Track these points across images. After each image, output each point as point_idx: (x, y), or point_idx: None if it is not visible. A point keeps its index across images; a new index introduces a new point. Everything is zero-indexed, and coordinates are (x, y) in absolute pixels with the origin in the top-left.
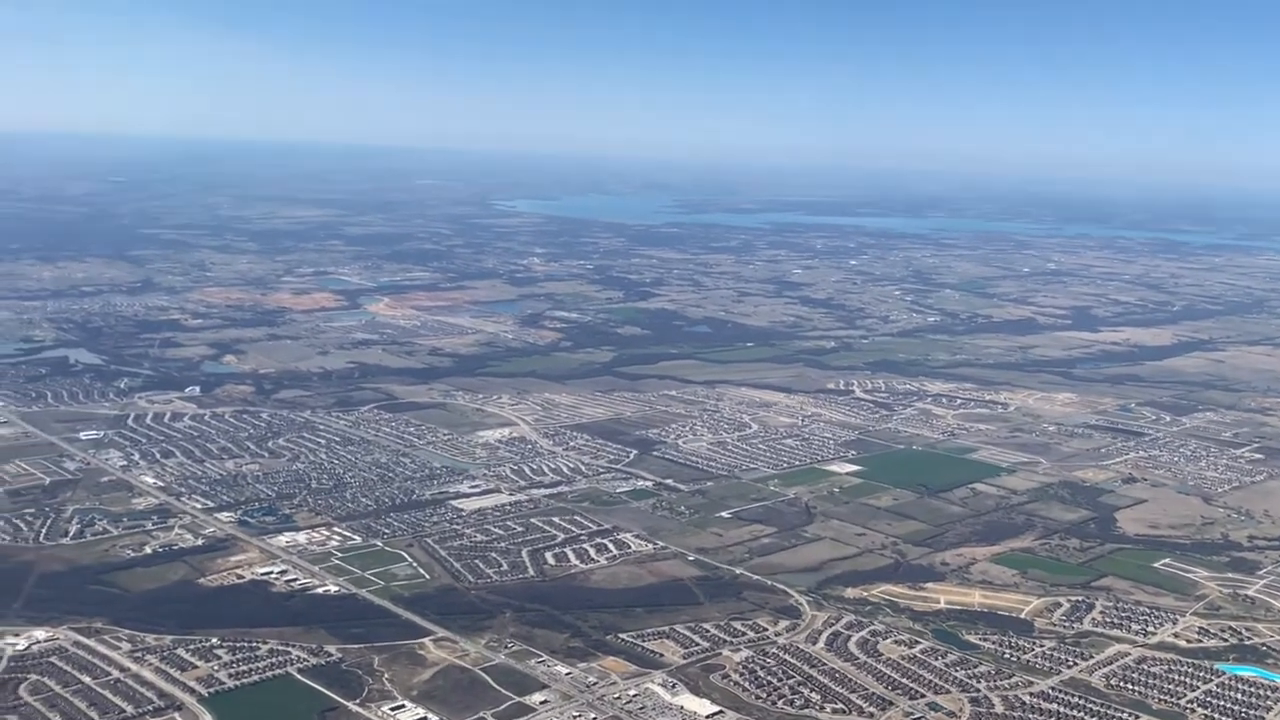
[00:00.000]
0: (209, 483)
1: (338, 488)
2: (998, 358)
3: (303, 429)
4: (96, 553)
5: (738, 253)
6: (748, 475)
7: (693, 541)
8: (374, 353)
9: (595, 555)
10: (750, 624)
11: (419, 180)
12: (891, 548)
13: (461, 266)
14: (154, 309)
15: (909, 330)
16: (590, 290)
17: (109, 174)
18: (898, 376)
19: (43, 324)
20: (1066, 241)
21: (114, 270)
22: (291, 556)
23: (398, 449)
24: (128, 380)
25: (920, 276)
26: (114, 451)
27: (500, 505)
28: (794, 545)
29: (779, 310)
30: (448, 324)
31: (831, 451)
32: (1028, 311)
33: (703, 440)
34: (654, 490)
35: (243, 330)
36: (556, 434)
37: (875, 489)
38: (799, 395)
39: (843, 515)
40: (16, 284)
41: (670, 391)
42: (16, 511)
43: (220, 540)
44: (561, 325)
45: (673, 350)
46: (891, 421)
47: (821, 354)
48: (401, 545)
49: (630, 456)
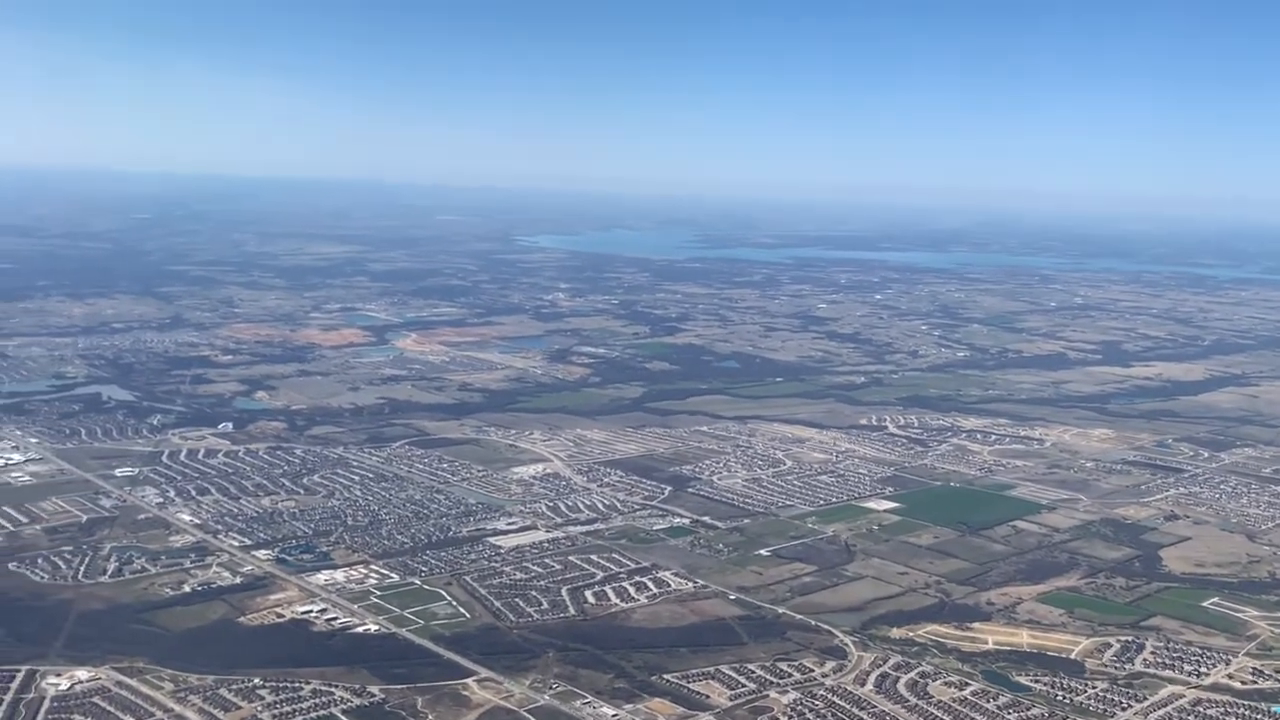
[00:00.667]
0: (245, 520)
1: (374, 525)
2: (1030, 393)
3: (336, 465)
4: (135, 591)
5: (762, 287)
6: (785, 512)
7: (733, 580)
8: (404, 388)
9: (635, 594)
10: (796, 665)
11: (440, 216)
12: (935, 586)
13: (488, 302)
14: (184, 345)
15: (939, 365)
16: (616, 325)
17: (132, 210)
18: (930, 412)
19: (74, 360)
20: (1092, 276)
21: (143, 307)
22: (330, 595)
23: (432, 485)
24: (160, 417)
25: (947, 311)
26: (150, 488)
27: (538, 542)
28: (836, 584)
29: (807, 345)
30: (476, 359)
31: (868, 488)
32: (1057, 346)
33: (737, 477)
34: (691, 527)
35: (273, 366)
36: (590, 470)
37: (915, 526)
38: (832, 431)
39: (883, 553)
40: (47, 320)
41: (702, 427)
42: (54, 549)
43: (258, 578)
44: (590, 361)
45: (702, 386)
46: (927, 458)
47: (852, 389)
48: (440, 583)
49: (665, 493)
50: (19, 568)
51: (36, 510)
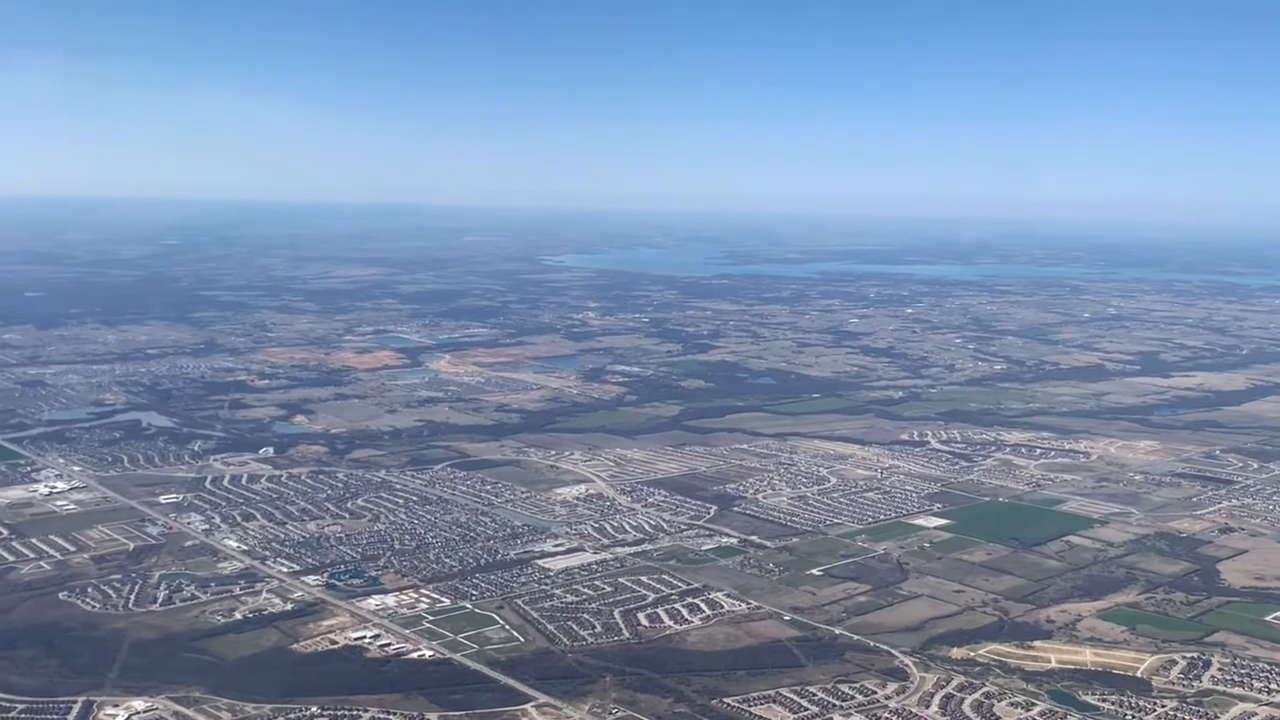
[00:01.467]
0: (293, 545)
1: (421, 548)
2: (1072, 405)
3: (380, 489)
4: (187, 619)
5: (791, 303)
6: (833, 531)
7: (786, 600)
8: (441, 410)
9: (689, 616)
10: (858, 687)
11: (465, 238)
12: (992, 605)
13: (518, 322)
14: (220, 370)
15: (976, 379)
16: (648, 343)
17: (160, 237)
18: (972, 426)
19: (112, 387)
20: (1123, 286)
21: (176, 333)
22: (383, 620)
23: (476, 508)
24: (201, 442)
25: (979, 324)
26: (195, 515)
27: (586, 564)
28: (891, 604)
29: (841, 360)
30: (511, 380)
31: (916, 505)
32: (1095, 358)
33: (782, 495)
34: (740, 547)
35: (310, 390)
36: (633, 490)
37: (967, 543)
38: (874, 447)
39: (937, 571)
40: (83, 348)
41: (742, 445)
42: (103, 578)
43: (309, 604)
44: (624, 380)
45: (739, 403)
46: (973, 473)
47: (890, 404)
48: (491, 607)
49: (711, 512)
50: (69, 597)
51: (84, 539)
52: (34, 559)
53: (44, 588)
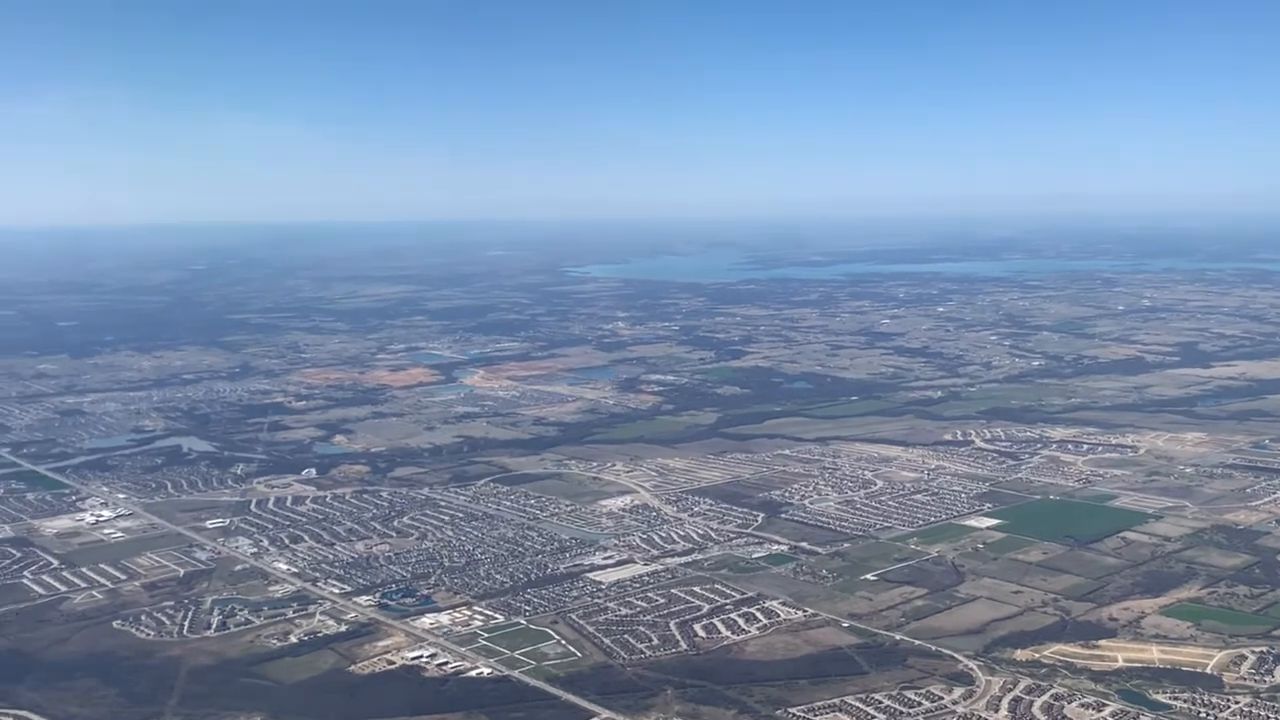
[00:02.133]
0: (342, 566)
1: (470, 565)
2: (1114, 399)
3: (424, 506)
4: (242, 644)
5: (821, 306)
6: (884, 535)
7: (843, 607)
8: (479, 425)
9: (745, 625)
10: (924, 693)
11: (488, 252)
12: (1053, 604)
13: (548, 335)
14: (256, 393)
15: (1014, 376)
16: (680, 351)
17: (187, 263)
18: (1015, 424)
19: (150, 414)
20: (1155, 277)
21: (210, 357)
22: (438, 639)
23: (522, 522)
24: (243, 466)
25: (1013, 320)
26: (242, 539)
27: (637, 576)
28: (949, 607)
29: (876, 362)
30: (546, 393)
31: (966, 506)
32: (1133, 350)
33: (829, 500)
34: (791, 554)
35: (347, 410)
36: (678, 500)
37: (1021, 543)
38: (917, 448)
39: (993, 573)
40: (119, 375)
41: (784, 451)
42: (156, 605)
43: (363, 625)
44: (659, 388)
45: (776, 408)
46: (1021, 471)
47: (930, 404)
48: (546, 622)
49: (758, 520)
50: (123, 625)
51: (133, 566)
52: (86, 588)
53: (97, 616)
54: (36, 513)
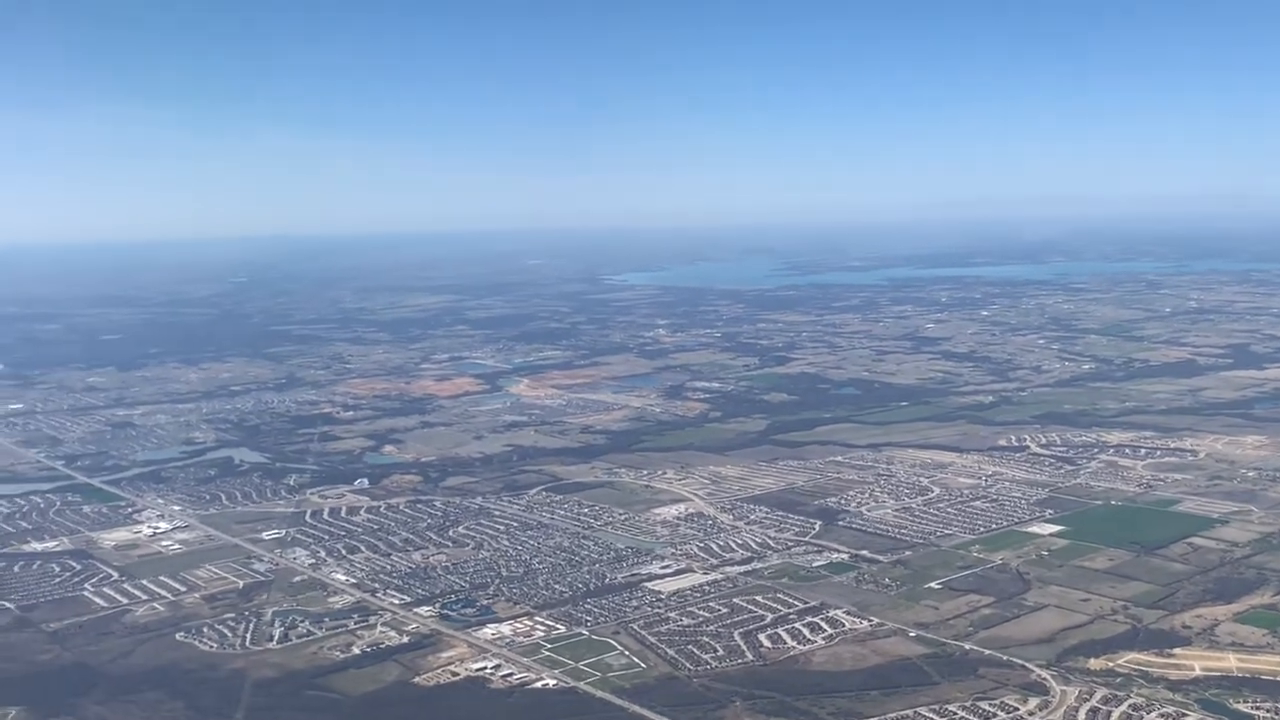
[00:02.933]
0: (401, 576)
1: (528, 575)
2: (1169, 402)
3: (479, 516)
4: (305, 656)
5: (863, 311)
6: (945, 542)
7: (908, 616)
8: (527, 434)
9: (811, 635)
10: (998, 704)
11: (526, 261)
12: (1123, 612)
13: (590, 343)
14: (304, 404)
15: (1066, 380)
16: (724, 358)
17: (227, 275)
18: (1070, 428)
19: (201, 425)
20: (1199, 279)
21: (256, 369)
22: (501, 650)
23: (577, 531)
24: (296, 477)
25: (1059, 323)
26: (300, 550)
27: (697, 585)
28: (1017, 615)
29: (923, 367)
30: (591, 401)
31: (1026, 512)
32: (1184, 353)
33: (886, 507)
34: (851, 563)
35: (395, 420)
36: (733, 508)
37: (1086, 550)
38: (972, 454)
39: (1060, 580)
40: (167, 387)
41: (836, 457)
42: (216, 617)
43: (425, 636)
44: (706, 396)
45: (825, 414)
46: (1079, 476)
47: (981, 409)
48: (608, 632)
49: (816, 528)
50: (186, 638)
51: (193, 578)
52: (147, 600)
53: (160, 629)
54: (94, 525)
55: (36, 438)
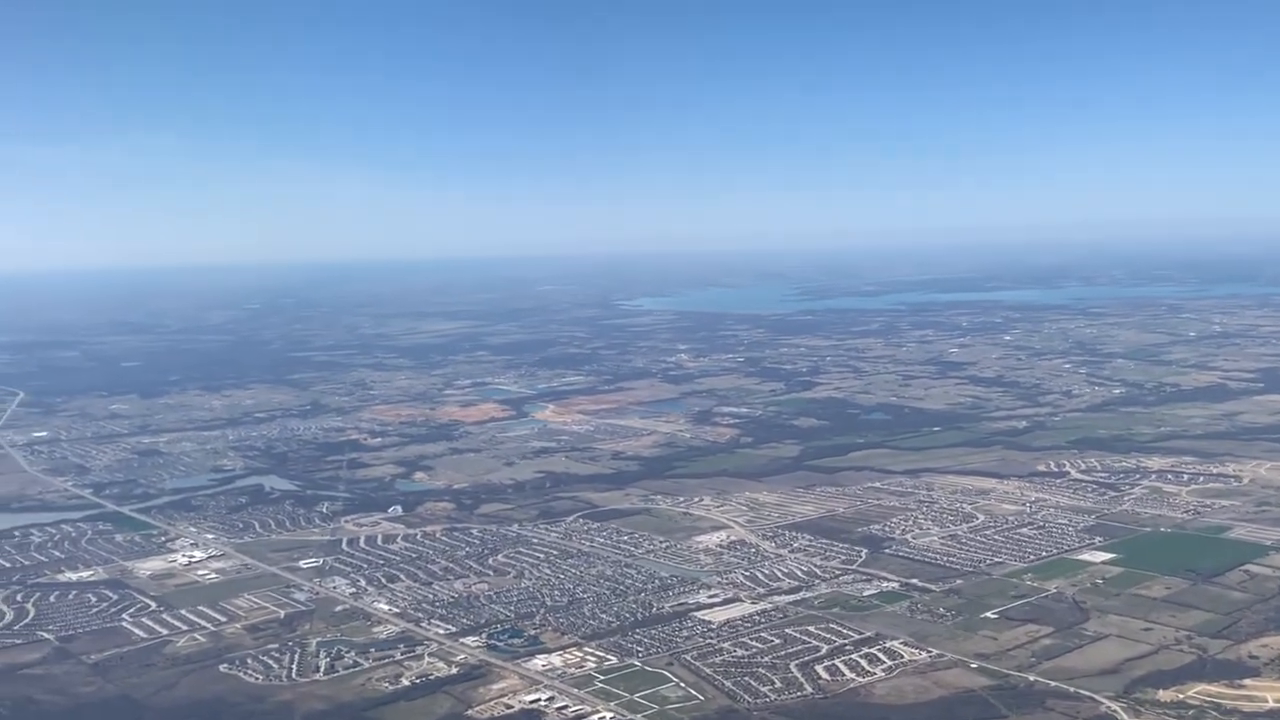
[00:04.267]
0: (444, 605)
1: (573, 604)
2: (1205, 427)
3: (517, 544)
4: (353, 687)
5: (884, 335)
6: (996, 570)
7: (967, 647)
8: (558, 460)
9: (869, 667)
10: None
11: (538, 287)
12: (1187, 642)
13: (613, 368)
14: (330, 430)
15: (1097, 405)
16: (749, 383)
17: (243, 302)
18: (1108, 454)
19: (228, 453)
20: (1220, 303)
21: (280, 395)
22: (553, 681)
23: (619, 560)
24: (328, 504)
25: (1084, 348)
26: (339, 578)
27: (747, 615)
28: (1079, 645)
29: (952, 392)
30: (620, 426)
31: (1075, 539)
32: (1214, 377)
33: (932, 534)
34: (903, 592)
35: (423, 446)
36: (775, 535)
37: (1140, 578)
38: (1012, 480)
39: (1118, 609)
40: (191, 415)
41: (875, 483)
42: (260, 647)
43: (474, 667)
44: (735, 421)
45: (859, 440)
46: (1124, 503)
47: (1016, 435)
48: (661, 664)
49: (862, 556)
50: (230, 669)
51: (232, 608)
52: (187, 630)
53: (203, 660)
54: (127, 554)
55: (63, 465)
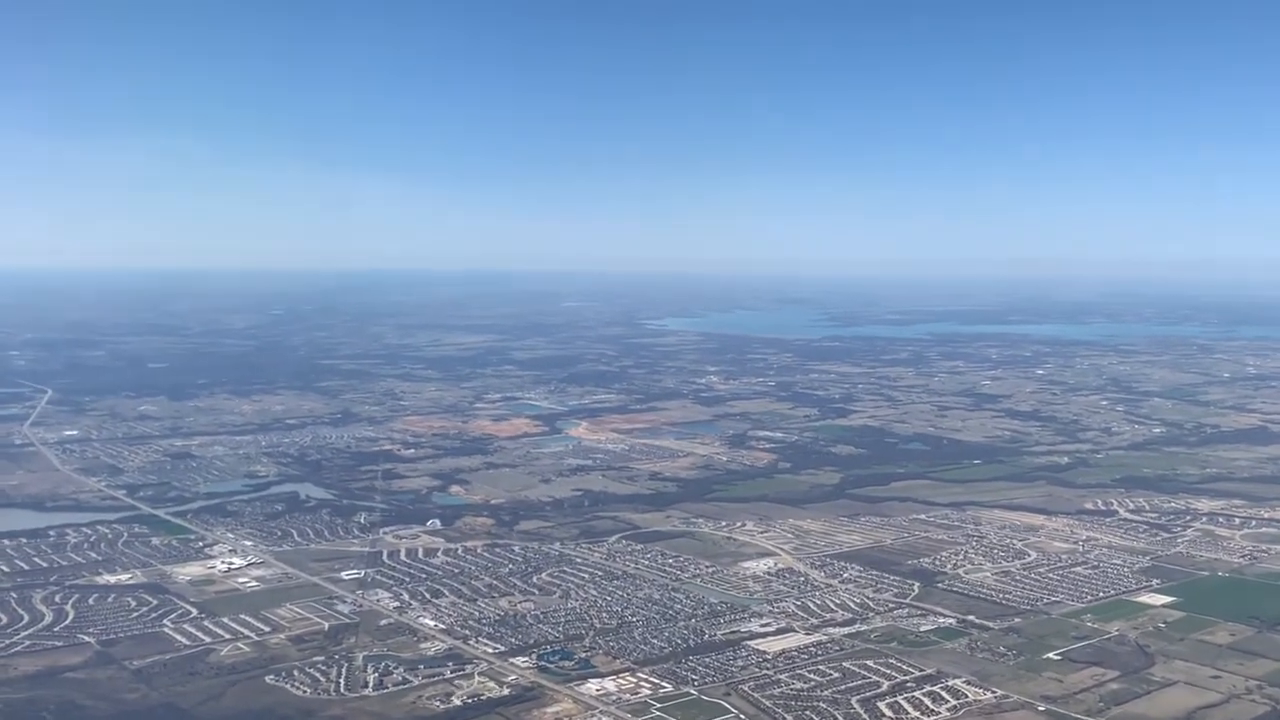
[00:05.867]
0: (490, 624)
1: (623, 627)
2: (1252, 470)
3: (560, 563)
4: (404, 705)
5: (914, 365)
6: (1054, 610)
7: (1032, 688)
8: (595, 479)
9: (933, 705)
10: None
11: (563, 303)
12: (1258, 691)
13: (643, 387)
14: (363, 440)
15: (1139, 443)
16: (782, 408)
17: (264, 307)
18: (1155, 494)
19: (261, 459)
20: (1252, 345)
21: (309, 402)
22: (609, 707)
23: (665, 583)
24: (366, 515)
25: (1118, 384)
26: (382, 591)
27: (802, 646)
28: (1148, 692)
29: (989, 425)
30: (654, 447)
31: (1131, 581)
32: (1254, 419)
33: (985, 570)
34: (961, 628)
35: (458, 459)
36: (824, 565)
37: (1204, 623)
38: (1060, 517)
39: (1183, 655)
40: (221, 419)
41: (920, 515)
42: (306, 660)
43: (526, 689)
44: (771, 446)
45: (899, 469)
46: (1178, 545)
47: (1059, 470)
48: (718, 694)
49: (915, 590)
50: (277, 681)
51: (275, 618)
52: (230, 639)
53: (248, 670)
54: (165, 558)
55: (95, 466)
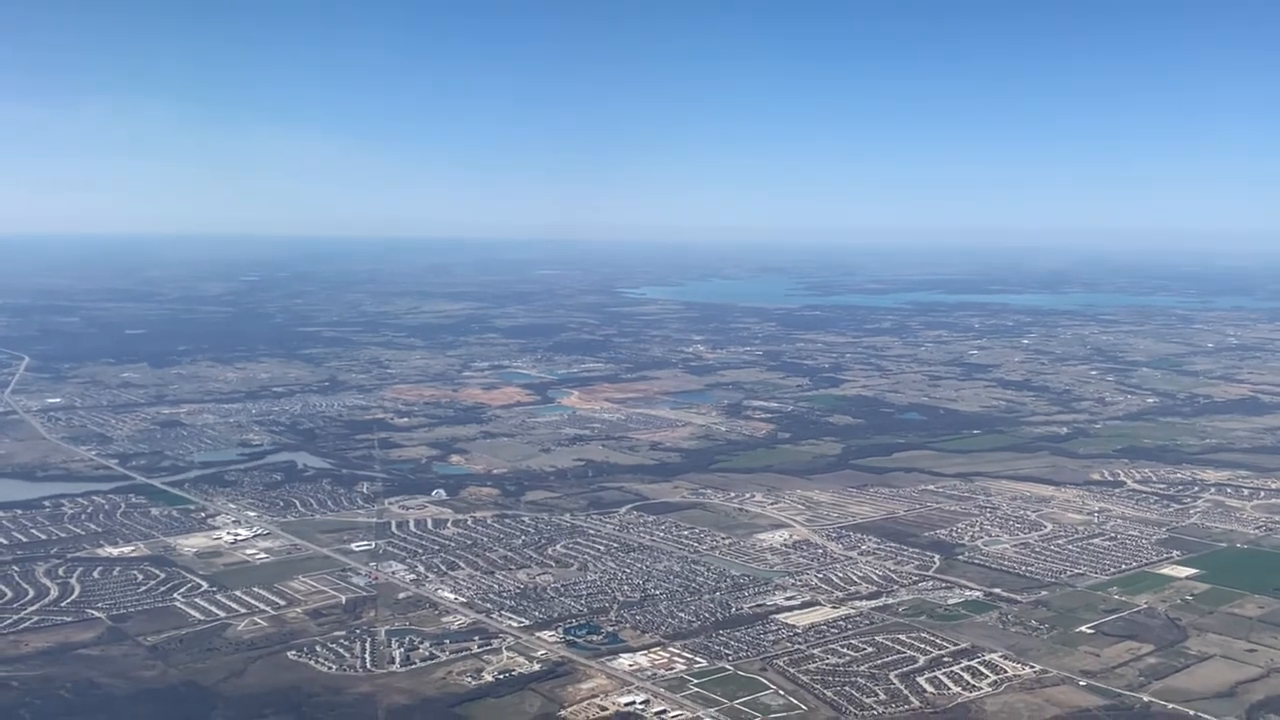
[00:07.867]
0: (511, 596)
1: (647, 601)
2: (1251, 441)
3: (573, 534)
4: (434, 681)
5: (899, 334)
6: (1079, 582)
7: (1070, 663)
8: (595, 449)
9: (973, 680)
10: None
11: (538, 271)
12: None
13: (630, 356)
14: (354, 408)
15: (1134, 413)
16: (773, 377)
17: (238, 274)
18: (1159, 465)
19: (252, 427)
20: (1230, 315)
21: (294, 370)
22: (644, 683)
23: (684, 555)
24: (368, 485)
25: (1104, 354)
26: (395, 563)
27: (831, 620)
28: (1186, 666)
29: (982, 394)
30: (650, 416)
31: (1151, 552)
32: (1244, 389)
33: (1003, 542)
34: (989, 602)
35: (454, 428)
36: (840, 537)
37: (1230, 595)
38: (1069, 488)
39: (1215, 628)
40: (207, 386)
41: (928, 486)
42: (327, 634)
43: (557, 664)
44: (768, 416)
45: (899, 440)
46: (1191, 516)
47: (1060, 441)
48: (754, 669)
49: (936, 562)
50: (299, 657)
51: (289, 591)
52: (246, 614)
53: (268, 646)
54: (167, 530)
55: (83, 434)
